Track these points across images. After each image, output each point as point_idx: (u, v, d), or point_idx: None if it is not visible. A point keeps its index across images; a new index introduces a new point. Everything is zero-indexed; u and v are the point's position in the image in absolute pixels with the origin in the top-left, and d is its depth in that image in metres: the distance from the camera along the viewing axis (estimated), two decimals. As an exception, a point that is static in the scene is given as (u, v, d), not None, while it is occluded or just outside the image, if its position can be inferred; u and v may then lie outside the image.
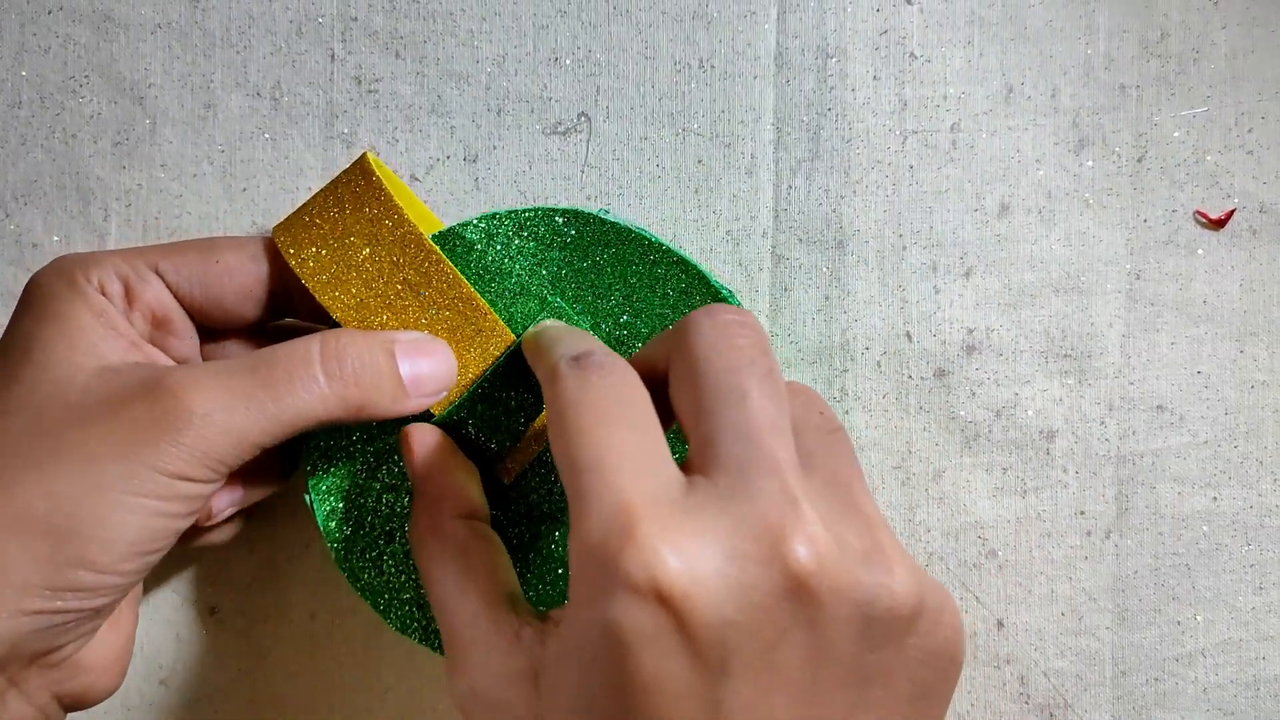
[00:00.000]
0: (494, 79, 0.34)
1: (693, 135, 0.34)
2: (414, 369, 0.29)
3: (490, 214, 0.31)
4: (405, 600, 0.31)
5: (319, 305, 0.30)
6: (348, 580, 0.31)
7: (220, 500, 0.30)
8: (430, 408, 0.30)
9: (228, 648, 0.35)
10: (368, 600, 0.31)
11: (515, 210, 0.31)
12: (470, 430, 0.31)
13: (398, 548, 0.31)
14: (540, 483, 0.32)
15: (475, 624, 0.26)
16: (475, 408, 0.31)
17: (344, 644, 0.35)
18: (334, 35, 0.34)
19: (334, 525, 0.31)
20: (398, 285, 0.30)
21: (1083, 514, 0.35)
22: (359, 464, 0.31)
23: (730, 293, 0.32)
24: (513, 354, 0.30)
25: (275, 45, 0.34)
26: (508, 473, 0.31)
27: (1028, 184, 0.34)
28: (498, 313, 0.31)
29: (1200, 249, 0.35)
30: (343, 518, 0.31)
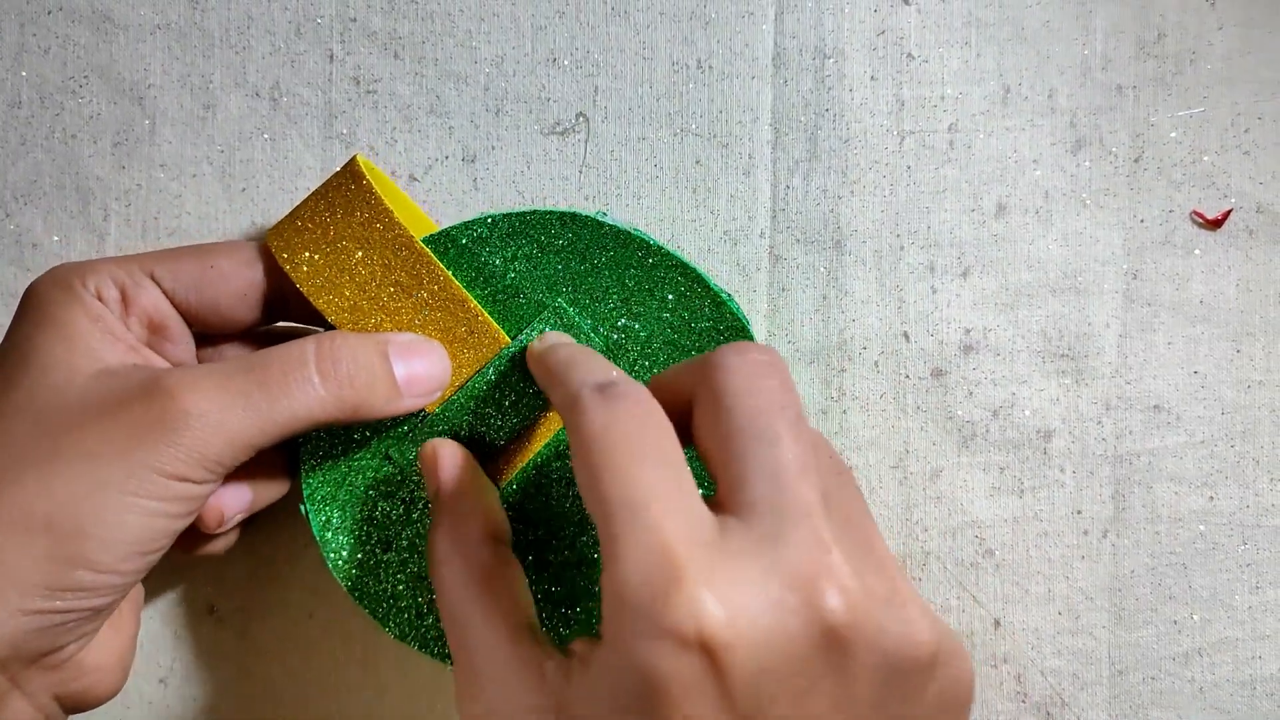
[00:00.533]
0: (492, 79, 0.34)
1: (691, 136, 0.35)
2: (408, 370, 0.29)
3: (484, 216, 0.31)
4: (404, 608, 0.31)
5: (314, 308, 0.30)
6: (346, 590, 0.31)
7: (230, 506, 0.30)
8: (424, 408, 0.30)
9: (226, 646, 0.35)
10: (366, 609, 0.31)
11: (510, 212, 0.31)
12: (464, 431, 0.31)
13: (394, 556, 0.31)
14: (535, 489, 0.32)
15: (495, 652, 0.26)
16: (469, 407, 0.31)
17: (342, 643, 0.35)
18: (333, 36, 0.34)
19: (330, 535, 0.31)
20: (390, 287, 0.30)
21: (1080, 513, 0.35)
22: (354, 473, 0.31)
23: (729, 296, 0.32)
24: (508, 355, 0.30)
25: (274, 46, 0.34)
26: (501, 474, 0.31)
27: (1025, 184, 0.34)
28: (492, 314, 0.31)
29: (1197, 249, 0.35)
30: (339, 527, 0.31)
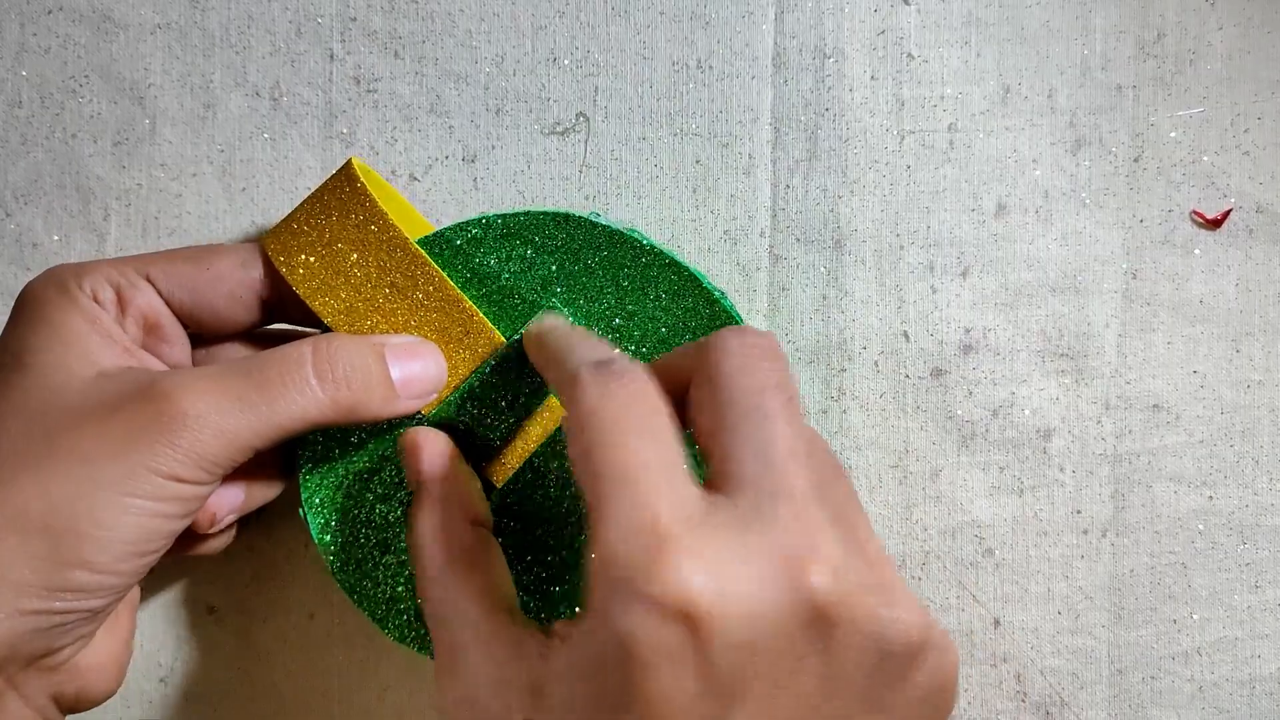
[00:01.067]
0: (493, 79, 0.34)
1: (691, 135, 0.35)
2: (404, 371, 0.29)
3: (479, 217, 0.31)
4: (402, 610, 0.31)
5: (310, 310, 0.30)
6: (345, 592, 0.31)
7: (222, 506, 0.30)
8: (421, 409, 0.30)
9: (226, 646, 0.35)
10: (365, 611, 0.31)
11: (504, 213, 0.31)
12: (461, 431, 0.31)
13: (393, 559, 0.31)
14: (532, 490, 0.32)
15: (475, 631, 0.26)
16: (466, 408, 0.31)
17: (342, 643, 0.35)
18: (333, 35, 0.34)
19: (329, 538, 0.31)
20: (386, 289, 0.30)
21: (1079, 513, 0.35)
22: (352, 476, 0.31)
23: (722, 294, 0.32)
24: (504, 355, 0.30)
25: (274, 45, 0.35)
26: (499, 475, 0.31)
27: (1025, 184, 0.35)
28: (488, 315, 0.31)
29: (1197, 249, 0.35)
30: (337, 530, 0.31)
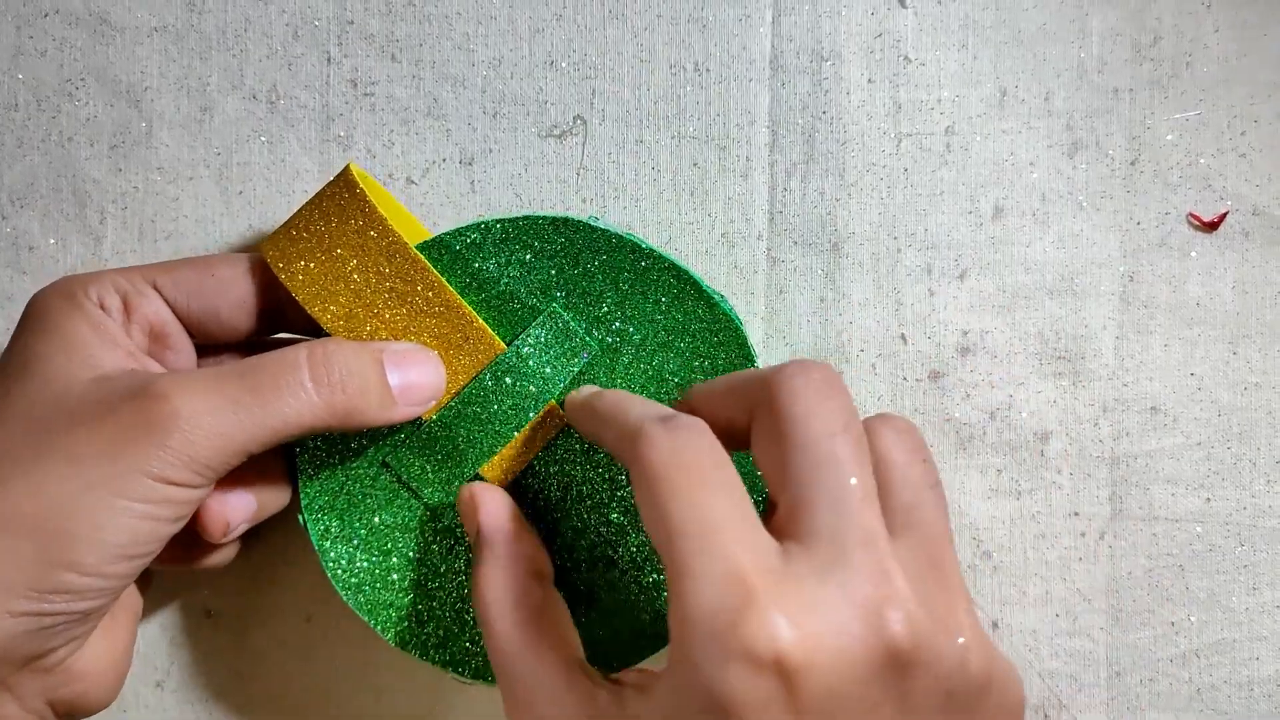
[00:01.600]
0: (490, 82, 0.34)
1: (688, 138, 0.35)
2: (403, 378, 0.29)
3: (478, 222, 0.31)
4: (403, 616, 0.31)
5: (311, 318, 0.30)
6: (345, 599, 0.31)
7: (236, 514, 0.30)
8: (420, 415, 0.30)
9: (224, 650, 0.35)
10: (366, 617, 0.31)
11: (503, 218, 0.31)
12: (460, 437, 0.31)
13: (392, 564, 0.31)
14: (533, 495, 0.32)
15: (549, 686, 0.26)
16: (465, 413, 0.31)
17: (340, 646, 0.35)
18: (330, 38, 0.34)
19: (329, 544, 0.31)
20: (384, 295, 0.30)
21: (1077, 515, 0.35)
22: (352, 481, 0.31)
23: (722, 297, 0.32)
24: (500, 363, 0.30)
25: (271, 48, 0.34)
26: (497, 482, 0.31)
27: (1022, 187, 0.35)
28: (487, 320, 0.31)
29: (1193, 251, 0.35)
30: (337, 536, 0.31)
